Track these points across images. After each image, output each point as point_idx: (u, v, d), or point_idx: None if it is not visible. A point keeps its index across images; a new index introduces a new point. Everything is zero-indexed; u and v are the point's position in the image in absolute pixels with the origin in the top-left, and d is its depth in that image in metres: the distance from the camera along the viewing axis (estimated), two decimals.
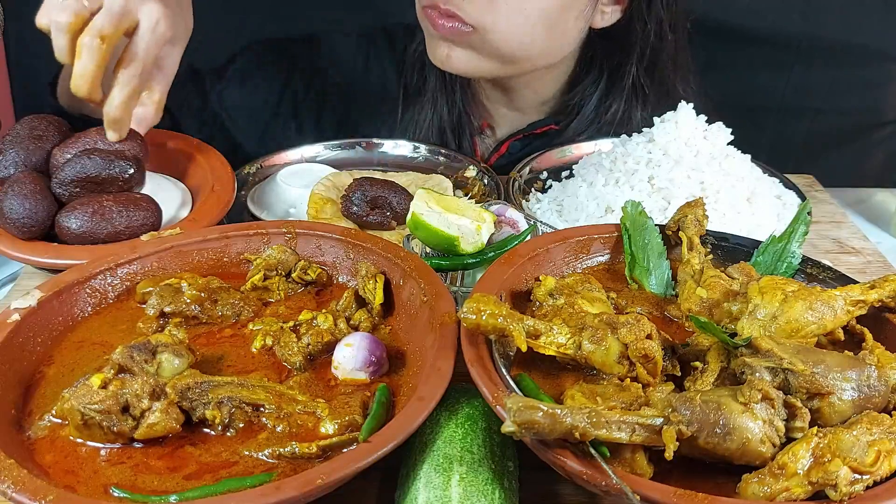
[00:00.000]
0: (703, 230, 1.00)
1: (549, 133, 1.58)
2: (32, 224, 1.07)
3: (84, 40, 1.07)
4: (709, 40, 1.62)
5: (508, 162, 1.53)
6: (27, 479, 0.68)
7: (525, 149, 1.58)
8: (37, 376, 0.83)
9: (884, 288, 0.86)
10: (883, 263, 1.30)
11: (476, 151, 1.60)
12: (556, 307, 0.87)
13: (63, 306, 0.90)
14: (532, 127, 1.58)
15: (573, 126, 1.55)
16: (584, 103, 1.54)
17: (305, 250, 1.01)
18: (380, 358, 0.85)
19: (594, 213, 1.23)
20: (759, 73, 2.00)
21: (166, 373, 0.79)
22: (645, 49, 1.47)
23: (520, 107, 1.58)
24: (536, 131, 1.58)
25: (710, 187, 1.21)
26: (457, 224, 0.98)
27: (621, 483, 0.66)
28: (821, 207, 1.45)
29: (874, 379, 0.74)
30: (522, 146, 1.59)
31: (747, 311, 0.83)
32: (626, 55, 1.48)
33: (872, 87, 2.03)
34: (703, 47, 1.60)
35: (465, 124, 1.58)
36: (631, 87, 1.50)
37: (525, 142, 1.59)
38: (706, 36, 1.59)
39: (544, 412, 0.66)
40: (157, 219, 1.12)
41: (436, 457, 0.76)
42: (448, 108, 1.56)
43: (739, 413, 0.69)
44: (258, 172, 1.40)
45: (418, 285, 0.91)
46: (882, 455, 0.68)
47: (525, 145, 1.59)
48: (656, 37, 1.46)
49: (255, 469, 0.74)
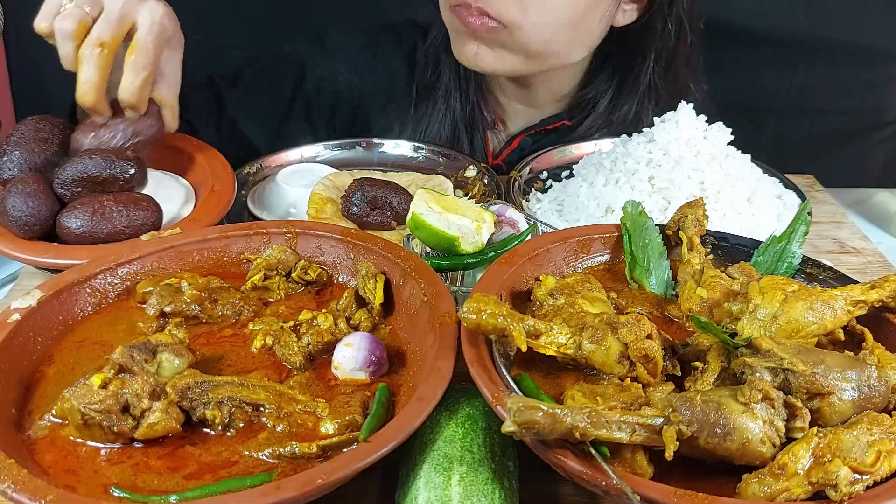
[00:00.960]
0: (704, 230, 1.00)
1: (560, 129, 1.59)
2: (35, 223, 1.07)
3: (85, 52, 1.08)
4: (712, 40, 1.62)
5: (519, 157, 1.54)
6: (27, 479, 0.68)
7: (536, 144, 1.59)
8: (37, 376, 0.83)
9: (884, 288, 0.86)
10: (883, 263, 1.30)
11: (488, 146, 1.61)
12: (557, 307, 0.86)
13: (63, 306, 0.90)
14: (545, 122, 1.59)
15: (586, 123, 1.55)
16: (598, 100, 1.55)
17: (305, 250, 1.01)
18: (380, 358, 0.85)
19: (594, 213, 1.23)
20: (762, 73, 2.00)
21: (166, 372, 0.79)
22: (663, 49, 1.48)
23: (534, 103, 1.59)
24: (548, 127, 1.59)
25: (710, 187, 1.21)
26: (457, 224, 0.99)
27: (621, 483, 0.66)
28: (821, 207, 1.45)
29: (874, 379, 0.74)
30: (534, 141, 1.60)
31: (747, 311, 0.83)
32: (644, 54, 1.49)
33: (874, 87, 2.03)
34: (707, 47, 1.60)
35: (479, 119, 1.58)
36: (647, 86, 1.51)
37: (536, 137, 1.60)
38: (709, 36, 1.59)
39: (544, 412, 0.66)
40: (157, 218, 1.12)
41: (436, 457, 0.76)
42: (461, 104, 1.56)
43: (740, 413, 0.69)
44: (258, 172, 1.40)
45: (418, 285, 0.91)
46: (882, 455, 0.68)
47: (536, 141, 1.59)
48: (675, 37, 1.47)
49: (255, 469, 0.74)
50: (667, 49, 1.49)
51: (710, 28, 1.58)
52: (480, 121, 1.59)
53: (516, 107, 1.61)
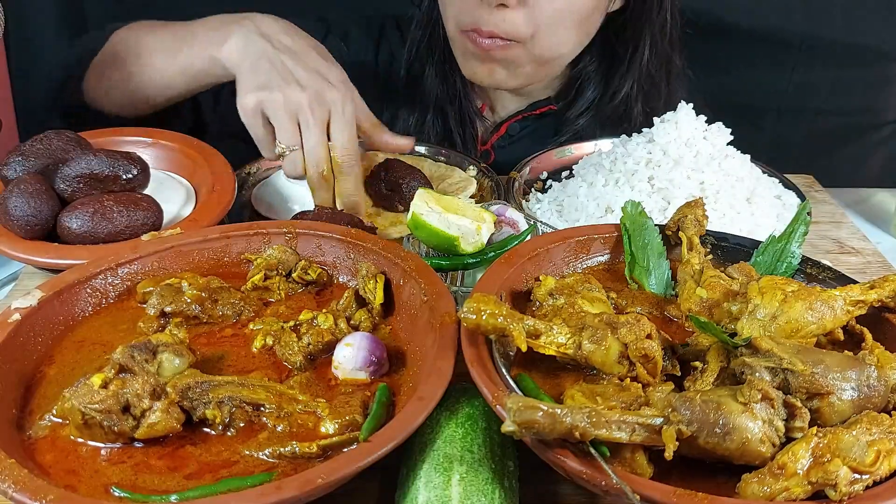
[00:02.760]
0: (703, 230, 1.00)
1: (548, 114, 1.59)
2: (36, 223, 1.07)
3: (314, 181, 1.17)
4: (710, 40, 1.62)
5: (508, 143, 1.55)
6: (28, 479, 0.68)
7: (524, 129, 1.59)
8: (37, 376, 0.84)
9: (883, 288, 0.86)
10: (883, 263, 1.30)
11: (476, 133, 1.61)
12: (556, 307, 0.87)
13: (64, 306, 0.90)
14: (532, 108, 1.59)
15: (574, 108, 1.56)
16: (586, 85, 1.55)
17: (306, 250, 1.01)
18: (380, 358, 0.85)
19: (594, 213, 1.23)
20: (760, 73, 2.00)
21: (167, 372, 0.79)
22: (656, 35, 1.49)
23: (522, 91, 1.58)
24: (535, 112, 1.59)
25: (709, 187, 1.21)
26: (457, 224, 0.99)
27: (621, 483, 0.66)
28: (821, 207, 1.45)
29: (874, 379, 0.74)
30: (521, 127, 1.60)
31: (747, 311, 0.83)
32: (637, 38, 1.49)
33: (873, 87, 2.03)
34: (705, 47, 1.60)
35: (466, 108, 1.58)
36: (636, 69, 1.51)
37: (524, 123, 1.60)
38: (707, 36, 1.59)
39: (544, 412, 0.66)
40: (157, 218, 1.12)
41: (436, 456, 0.76)
42: (448, 90, 1.56)
43: (739, 413, 0.69)
44: (259, 172, 1.40)
45: (418, 285, 0.91)
46: (882, 455, 0.68)
47: (524, 126, 1.60)
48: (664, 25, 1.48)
49: (255, 469, 0.74)
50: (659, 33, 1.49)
51: (710, 27, 1.58)
52: (468, 108, 1.59)
53: (502, 93, 1.61)
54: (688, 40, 1.56)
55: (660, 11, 1.47)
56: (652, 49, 1.50)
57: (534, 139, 1.58)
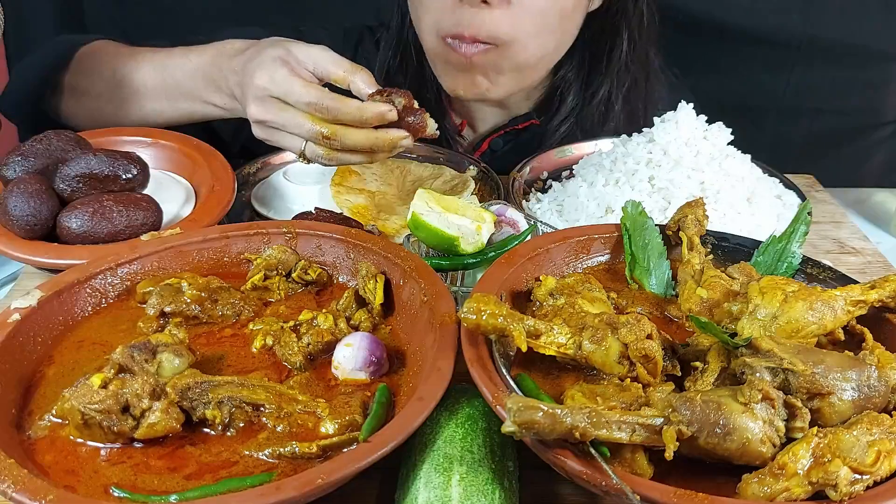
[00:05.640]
0: (704, 230, 1.00)
1: (531, 128, 1.57)
2: (36, 223, 1.07)
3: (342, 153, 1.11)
4: (709, 40, 1.61)
5: (491, 159, 1.53)
6: (27, 479, 0.68)
7: (507, 145, 1.58)
8: (37, 376, 0.83)
9: (884, 288, 0.86)
10: (883, 263, 1.30)
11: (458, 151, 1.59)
12: (557, 307, 0.86)
13: (63, 306, 0.90)
14: (513, 122, 1.58)
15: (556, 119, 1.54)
16: (566, 93, 1.53)
17: (306, 250, 1.01)
18: (380, 358, 0.85)
19: (594, 213, 1.23)
20: (760, 73, 2.00)
21: (166, 372, 0.79)
22: (633, 31, 1.47)
23: (503, 102, 1.56)
24: (518, 126, 1.58)
25: (710, 187, 1.21)
26: (457, 224, 0.99)
27: (621, 483, 0.66)
28: (821, 207, 1.45)
29: (874, 379, 0.74)
30: (505, 142, 1.58)
31: (747, 311, 0.83)
32: (614, 37, 1.48)
33: (873, 87, 2.03)
34: (704, 47, 1.60)
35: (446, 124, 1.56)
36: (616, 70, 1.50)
37: (507, 137, 1.59)
38: (706, 36, 1.59)
39: (544, 412, 0.66)
40: (157, 218, 1.12)
41: (436, 457, 0.76)
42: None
43: (739, 413, 0.69)
44: (259, 172, 1.41)
45: (418, 285, 0.91)
46: (882, 455, 0.68)
47: (507, 141, 1.58)
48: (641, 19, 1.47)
49: (255, 469, 0.74)
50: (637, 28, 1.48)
51: (709, 28, 1.58)
52: (448, 124, 1.57)
53: (483, 107, 1.59)
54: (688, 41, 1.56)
55: (636, 4, 1.46)
56: (630, 44, 1.48)
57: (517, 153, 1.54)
